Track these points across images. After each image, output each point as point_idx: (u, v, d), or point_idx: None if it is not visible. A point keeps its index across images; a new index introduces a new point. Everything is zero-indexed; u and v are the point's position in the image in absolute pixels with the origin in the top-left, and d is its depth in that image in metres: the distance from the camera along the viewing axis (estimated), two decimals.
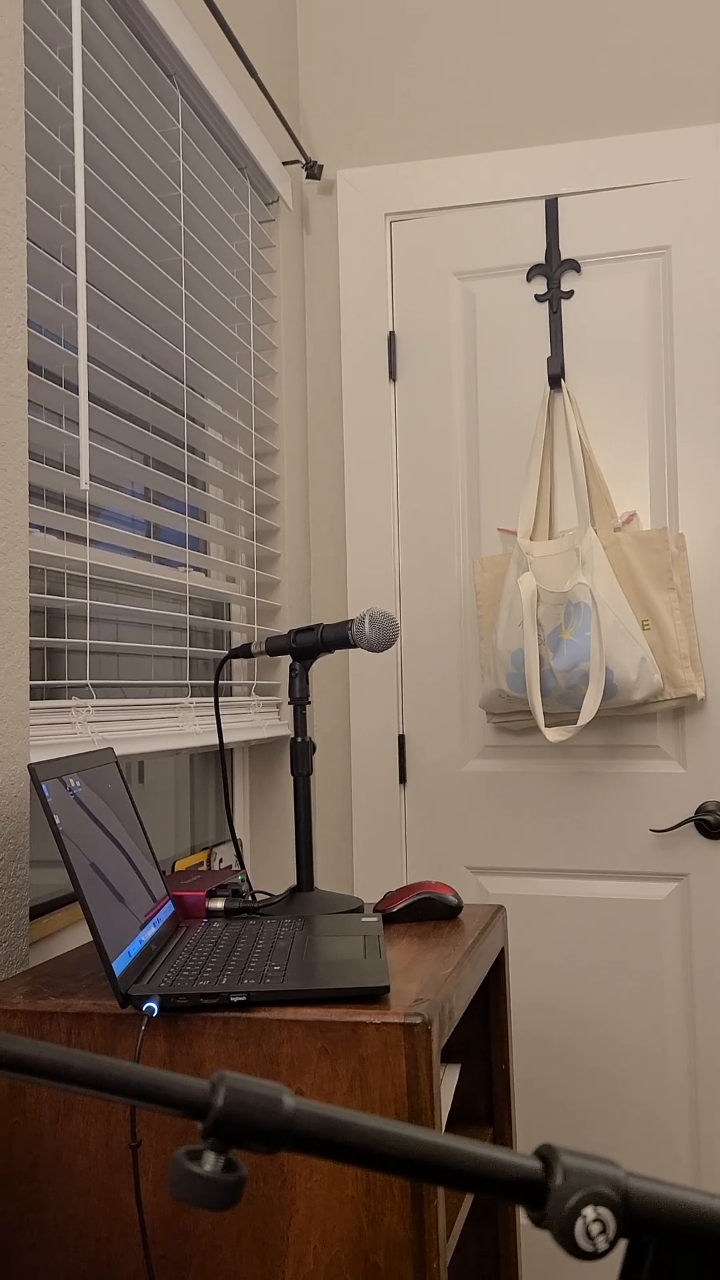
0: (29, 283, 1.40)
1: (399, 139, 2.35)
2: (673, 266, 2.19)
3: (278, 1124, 0.46)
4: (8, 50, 1.25)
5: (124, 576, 1.60)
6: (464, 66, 2.32)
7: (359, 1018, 0.98)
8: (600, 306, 2.22)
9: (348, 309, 2.34)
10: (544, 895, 2.21)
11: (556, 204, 2.25)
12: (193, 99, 1.87)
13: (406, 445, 2.31)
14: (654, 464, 2.19)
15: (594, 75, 2.25)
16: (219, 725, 1.62)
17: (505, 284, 2.27)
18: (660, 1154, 2.14)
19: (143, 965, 1.08)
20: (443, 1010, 1.03)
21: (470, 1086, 1.48)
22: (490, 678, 2.13)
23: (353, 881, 2.31)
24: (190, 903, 1.34)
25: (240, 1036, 1.00)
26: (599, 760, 2.20)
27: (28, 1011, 1.05)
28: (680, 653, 2.07)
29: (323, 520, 2.36)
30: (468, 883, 2.25)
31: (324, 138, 2.39)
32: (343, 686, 2.33)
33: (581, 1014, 2.18)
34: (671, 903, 2.15)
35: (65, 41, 1.43)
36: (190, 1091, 0.46)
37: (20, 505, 1.26)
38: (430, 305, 2.31)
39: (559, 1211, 0.49)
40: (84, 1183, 1.03)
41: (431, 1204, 0.97)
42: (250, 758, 2.29)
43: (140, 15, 1.64)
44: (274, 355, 2.25)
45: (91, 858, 1.07)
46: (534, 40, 2.28)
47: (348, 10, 2.38)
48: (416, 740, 2.28)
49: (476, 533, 2.27)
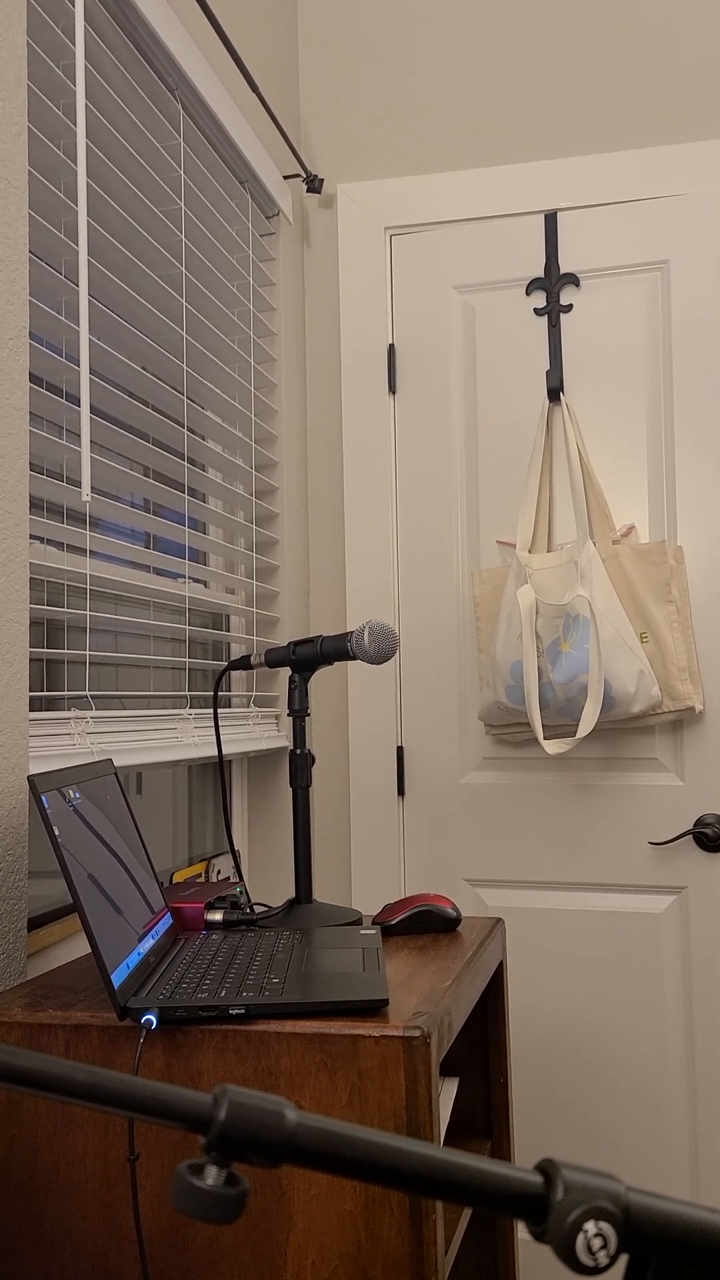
0: (31, 296, 1.40)
1: (399, 153, 2.36)
2: (671, 281, 2.20)
3: (280, 1138, 0.46)
4: (11, 65, 1.26)
5: (123, 588, 1.60)
6: (464, 82, 2.33)
7: (358, 1031, 0.98)
8: (599, 320, 2.23)
9: (347, 322, 2.35)
10: (542, 908, 2.21)
11: (556, 218, 2.26)
12: (194, 113, 1.88)
13: (406, 457, 2.32)
14: (652, 477, 2.19)
15: (593, 91, 2.26)
16: (218, 737, 1.62)
17: (504, 297, 2.28)
18: (659, 1167, 2.14)
19: (141, 977, 1.08)
20: (442, 1023, 1.03)
21: (468, 1100, 1.48)
22: (489, 690, 2.13)
23: (350, 893, 2.30)
24: (189, 915, 1.34)
25: (239, 1049, 1.00)
26: (597, 773, 2.20)
27: (26, 1024, 1.04)
28: (679, 665, 2.07)
29: (322, 532, 2.36)
30: (466, 895, 2.25)
31: (324, 152, 2.40)
32: (341, 698, 2.33)
33: (580, 1027, 2.18)
34: (670, 916, 2.15)
35: (68, 57, 1.44)
36: (193, 1105, 0.46)
37: (21, 517, 1.26)
38: (430, 318, 2.32)
39: (560, 1226, 0.49)
40: (82, 1196, 1.02)
41: (430, 1219, 0.96)
42: (249, 769, 2.29)
43: (143, 30, 1.65)
44: (274, 368, 2.25)
45: (90, 869, 1.07)
46: (534, 56, 2.30)
47: (349, 25, 2.39)
48: (415, 752, 2.28)
49: (475, 545, 2.27)
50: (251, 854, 2.28)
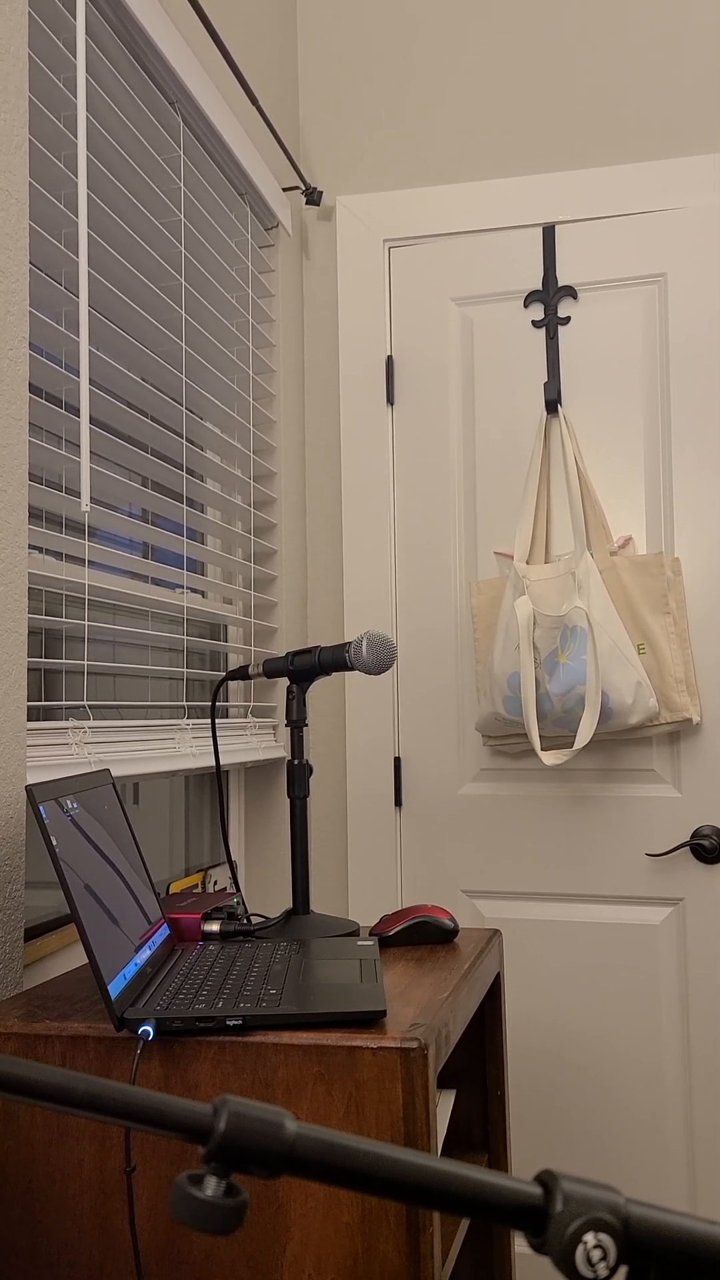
0: (31, 306, 1.41)
1: (398, 166, 2.37)
2: (669, 293, 2.21)
3: (280, 1148, 0.46)
4: (13, 77, 1.27)
5: (121, 598, 1.60)
6: (462, 95, 2.34)
7: (355, 1042, 0.98)
8: (597, 332, 2.24)
9: (346, 333, 2.36)
10: (539, 919, 2.21)
11: (554, 231, 2.27)
12: (195, 126, 1.89)
13: (404, 468, 2.32)
14: (650, 488, 2.20)
15: (591, 105, 2.28)
16: (215, 747, 1.62)
17: (503, 310, 2.29)
18: (655, 1178, 2.13)
19: (138, 988, 1.07)
20: (439, 1035, 1.03)
21: (465, 1112, 1.47)
22: (486, 700, 2.13)
23: (347, 904, 2.30)
24: (186, 925, 1.34)
25: (236, 1060, 1.00)
26: (595, 784, 2.20)
27: (22, 1034, 1.04)
28: (676, 676, 2.07)
29: (320, 543, 2.37)
30: (463, 906, 2.25)
31: (324, 165, 2.41)
32: (339, 708, 2.33)
33: (577, 1039, 2.18)
34: (667, 927, 2.15)
35: (69, 69, 1.45)
36: (193, 1115, 0.46)
37: (20, 527, 1.26)
38: (428, 330, 2.32)
39: (560, 1238, 0.49)
40: (77, 1209, 1.02)
41: (427, 1231, 0.96)
42: (246, 780, 2.29)
43: (143, 43, 1.66)
44: (273, 379, 2.26)
45: (88, 880, 1.06)
46: (532, 70, 2.31)
47: (348, 39, 2.41)
48: (412, 762, 2.28)
49: (473, 556, 2.28)
50: (248, 865, 2.28)
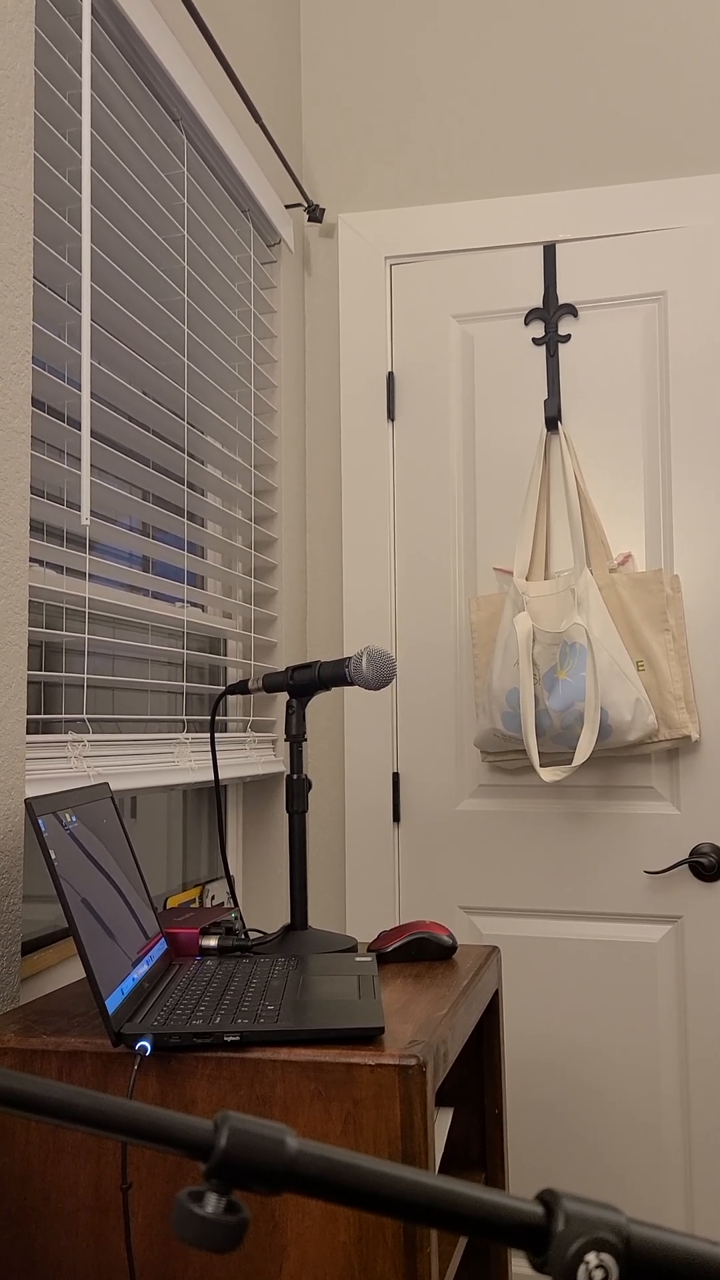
0: (35, 320, 1.41)
1: (400, 184, 2.38)
2: (669, 312, 2.22)
3: (281, 1165, 0.46)
4: (19, 95, 1.27)
5: (121, 611, 1.60)
6: (464, 114, 2.36)
7: (353, 1059, 0.98)
8: (597, 350, 2.25)
9: (347, 350, 2.36)
10: (537, 936, 2.20)
11: (554, 250, 2.28)
12: (198, 143, 1.90)
13: (404, 484, 2.33)
14: (649, 506, 2.20)
15: (593, 124, 2.29)
16: (214, 761, 1.62)
17: (503, 327, 2.30)
18: (654, 1195, 2.12)
19: (135, 1003, 1.07)
20: (438, 1052, 1.02)
21: (463, 1130, 1.47)
22: (485, 717, 2.13)
23: (345, 920, 2.29)
24: (184, 940, 1.33)
25: (233, 1077, 0.99)
26: (593, 801, 2.19)
27: (19, 1049, 1.04)
28: (675, 694, 2.07)
29: (320, 558, 2.37)
30: (461, 923, 2.24)
31: (326, 182, 2.42)
32: (337, 724, 2.33)
33: (575, 1056, 2.17)
34: (665, 945, 2.14)
35: (75, 86, 1.46)
36: (194, 1131, 0.46)
37: (21, 540, 1.26)
38: (429, 347, 2.33)
39: (561, 1257, 0.49)
40: (73, 1226, 1.01)
41: (425, 1251, 0.95)
42: (244, 794, 2.28)
43: (148, 60, 1.67)
44: (274, 394, 2.27)
45: (85, 894, 1.06)
46: (534, 89, 2.32)
47: (351, 58, 2.42)
48: (411, 778, 2.28)
49: (472, 572, 2.28)
50: (246, 879, 2.27)
